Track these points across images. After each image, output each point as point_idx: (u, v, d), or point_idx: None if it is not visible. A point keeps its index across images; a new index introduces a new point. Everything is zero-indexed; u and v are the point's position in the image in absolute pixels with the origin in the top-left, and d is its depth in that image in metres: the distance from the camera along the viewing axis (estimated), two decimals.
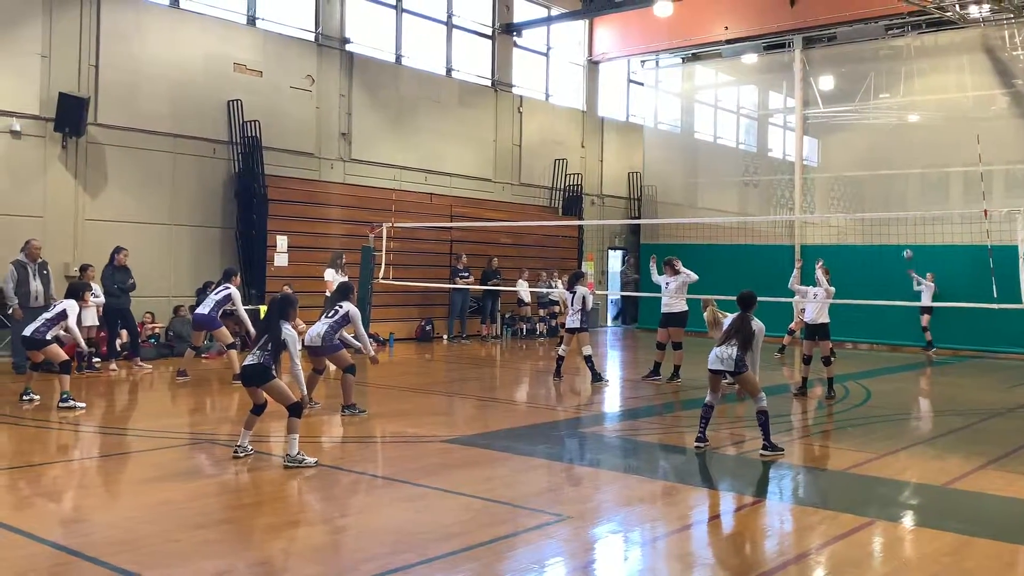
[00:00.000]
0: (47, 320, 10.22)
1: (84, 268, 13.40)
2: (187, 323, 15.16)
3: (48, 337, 10.14)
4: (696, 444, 8.40)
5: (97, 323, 13.13)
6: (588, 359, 12.84)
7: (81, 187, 15.14)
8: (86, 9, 15.16)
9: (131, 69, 15.68)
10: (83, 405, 10.06)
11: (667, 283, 13.50)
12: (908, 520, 6.38)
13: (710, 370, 8.44)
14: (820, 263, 12.76)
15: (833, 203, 22.91)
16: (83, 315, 12.89)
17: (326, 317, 10.04)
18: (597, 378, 12.84)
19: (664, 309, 13.61)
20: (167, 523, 5.75)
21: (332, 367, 10.70)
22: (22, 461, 7.73)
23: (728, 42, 23.45)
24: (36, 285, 12.63)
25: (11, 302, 12.50)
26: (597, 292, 21.13)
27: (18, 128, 14.33)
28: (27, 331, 10.24)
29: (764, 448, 8.21)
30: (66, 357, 10.23)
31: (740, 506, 6.77)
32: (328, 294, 15.69)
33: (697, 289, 13.57)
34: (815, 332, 12.17)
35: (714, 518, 6.47)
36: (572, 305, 13.02)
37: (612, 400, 12.14)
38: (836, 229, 22.27)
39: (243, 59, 17.34)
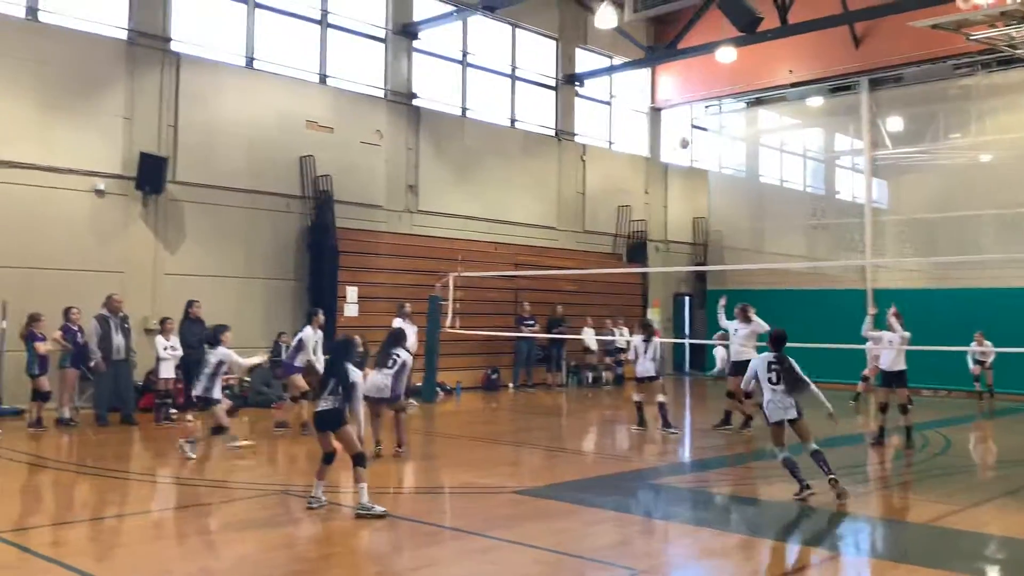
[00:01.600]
0: (209, 375, 10.31)
1: (163, 321, 13.82)
2: (266, 374, 15.52)
3: (215, 396, 10.34)
4: (805, 492, 8.14)
5: (174, 375, 13.49)
6: (662, 407, 12.76)
7: (161, 243, 15.71)
8: (166, 72, 15.85)
9: (208, 128, 16.30)
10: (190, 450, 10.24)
11: (736, 329, 13.35)
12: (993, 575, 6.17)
13: (775, 423, 8.28)
14: (893, 309, 12.49)
15: (905, 246, 22.44)
16: (161, 367, 13.33)
17: (385, 368, 10.12)
18: (668, 427, 12.72)
19: (734, 357, 13.45)
20: (243, 575, 5.85)
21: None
22: (103, 512, 7.96)
23: (792, 85, 23.37)
24: (118, 339, 13.08)
25: (94, 355, 12.94)
26: (664, 340, 20.98)
27: (102, 187, 14.98)
28: (197, 391, 10.42)
29: (833, 480, 8.02)
30: (227, 423, 10.40)
31: (816, 561, 6.61)
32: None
33: (762, 336, 13.41)
34: (891, 379, 11.89)
35: (790, 573, 6.34)
36: (646, 353, 12.93)
37: (682, 450, 12.00)
38: (909, 272, 21.80)
39: (315, 116, 17.88)
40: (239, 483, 9.02)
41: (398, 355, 10.11)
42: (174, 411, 13.53)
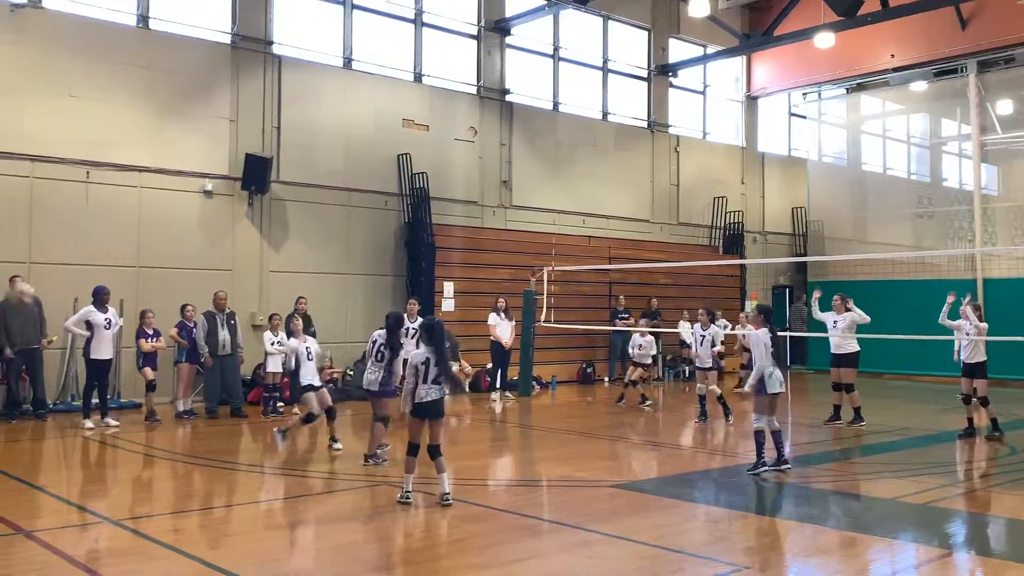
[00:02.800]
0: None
1: (271, 317, 14.27)
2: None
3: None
4: (761, 469, 8.95)
5: (280, 369, 13.93)
6: (721, 399, 13.26)
7: (265, 241, 16.25)
8: (268, 74, 16.36)
9: (309, 129, 16.76)
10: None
11: (835, 322, 13.08)
12: None
13: (772, 395, 9.03)
14: (968, 298, 12.18)
15: (1016, 233, 21.46)
16: (268, 361, 13.78)
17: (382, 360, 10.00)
18: (701, 417, 13.31)
19: (834, 350, 13.18)
20: (350, 564, 6.03)
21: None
22: (215, 502, 8.30)
23: (895, 70, 22.60)
24: (224, 334, 13.59)
25: (203, 351, 13.49)
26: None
27: (210, 188, 15.58)
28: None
29: (786, 464, 9.07)
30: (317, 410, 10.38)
31: (926, 559, 6.43)
32: (492, 338, 16.09)
33: (864, 328, 13.08)
34: (972, 371, 11.83)
35: (897, 572, 6.18)
36: (701, 346, 13.37)
37: (784, 445, 11.76)
38: (1020, 261, 20.84)
39: (411, 114, 18.19)
40: (343, 475, 9.28)
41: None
42: (281, 404, 13.97)
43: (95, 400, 12.41)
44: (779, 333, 9.27)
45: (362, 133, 17.45)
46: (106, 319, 12.36)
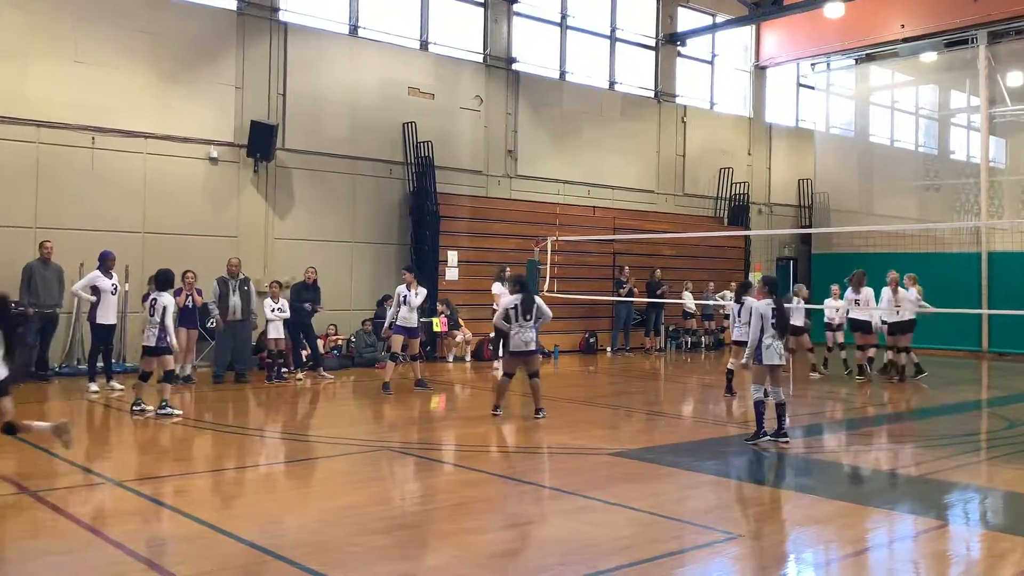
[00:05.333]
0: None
1: (271, 284, 14.29)
2: (369, 335, 16.07)
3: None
4: (761, 439, 9.06)
5: (282, 335, 14.00)
6: (728, 373, 12.94)
7: (271, 208, 16.28)
8: (275, 41, 16.31)
9: (314, 96, 16.72)
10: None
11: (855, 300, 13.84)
12: None
13: (769, 365, 9.11)
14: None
15: (1023, 207, 21.40)
16: (269, 327, 13.86)
17: (529, 322, 10.59)
18: (728, 392, 12.94)
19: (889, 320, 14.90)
20: (351, 527, 6.11)
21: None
22: (221, 465, 8.41)
23: (905, 40, 22.42)
24: (235, 300, 13.66)
25: (213, 315, 13.58)
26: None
27: (215, 155, 15.60)
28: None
29: (785, 438, 9.06)
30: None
31: (922, 530, 6.50)
32: (495, 307, 16.12)
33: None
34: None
35: (893, 542, 6.26)
36: (739, 317, 12.78)
37: (786, 418, 11.83)
38: None
39: (417, 83, 18.13)
40: (345, 439, 9.38)
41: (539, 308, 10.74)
42: (285, 370, 14.08)
43: (100, 364, 12.52)
44: (776, 302, 9.27)
45: (368, 101, 17.40)
46: (112, 284, 12.46)
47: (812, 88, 26.27)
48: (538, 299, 10.84)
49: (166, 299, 10.57)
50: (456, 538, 5.95)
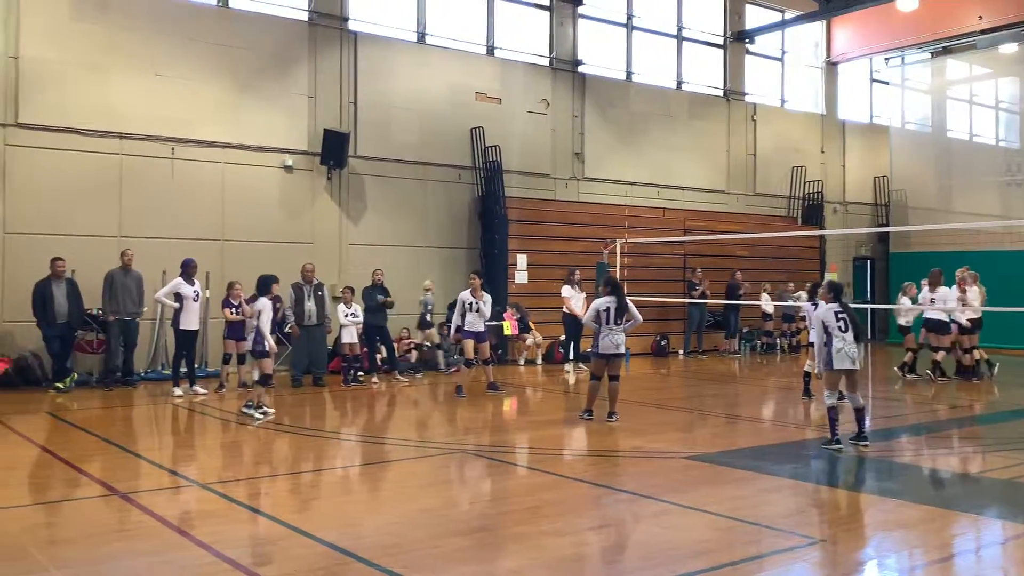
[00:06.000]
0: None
1: (344, 290, 14.55)
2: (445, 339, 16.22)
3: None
4: (835, 446, 8.86)
5: (355, 340, 14.22)
6: (806, 375, 12.60)
7: (344, 214, 16.57)
8: (345, 51, 16.59)
9: (384, 103, 16.96)
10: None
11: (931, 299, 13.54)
12: None
13: (841, 370, 8.91)
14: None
15: None
16: (343, 332, 14.09)
17: (617, 325, 10.62)
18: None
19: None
20: (428, 529, 6.16)
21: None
22: (300, 467, 8.58)
23: (983, 32, 21.74)
24: (310, 305, 13.94)
25: (289, 320, 13.87)
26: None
27: (290, 163, 15.94)
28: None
29: (865, 441, 8.89)
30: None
31: (1011, 536, 6.29)
32: (565, 309, 16.13)
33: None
34: None
35: (981, 548, 6.08)
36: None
37: (866, 420, 11.58)
38: None
39: (483, 88, 18.25)
40: (420, 442, 9.48)
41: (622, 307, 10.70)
42: (361, 373, 14.29)
43: (183, 369, 12.89)
44: (851, 306, 9.11)
45: (436, 107, 17.58)
46: (194, 291, 12.82)
47: (886, 83, 25.67)
48: (630, 303, 10.78)
49: (263, 303, 10.85)
50: (533, 541, 5.95)
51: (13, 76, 13.66)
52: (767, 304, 19.91)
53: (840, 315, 8.98)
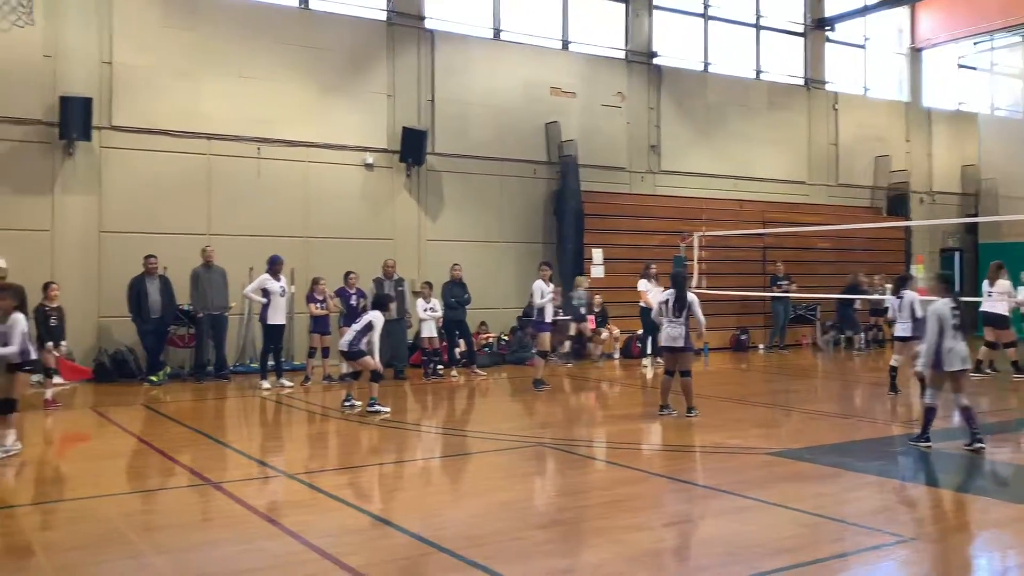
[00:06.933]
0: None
1: (422, 285, 14.77)
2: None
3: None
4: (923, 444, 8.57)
5: (435, 334, 14.41)
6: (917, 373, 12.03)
7: (423, 211, 16.81)
8: (422, 49, 16.81)
9: (461, 100, 17.13)
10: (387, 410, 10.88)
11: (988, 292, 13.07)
12: None
13: (950, 371, 8.43)
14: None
15: None
16: (423, 327, 14.29)
17: (677, 318, 10.52)
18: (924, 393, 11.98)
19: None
20: (510, 521, 6.23)
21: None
22: (383, 459, 8.77)
23: None
24: None
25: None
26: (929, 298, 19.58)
27: (371, 161, 16.23)
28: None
29: (979, 442, 8.31)
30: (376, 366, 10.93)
31: None
32: (642, 304, 16.08)
33: None
34: None
35: None
36: (900, 312, 12.21)
37: (954, 414, 11.27)
38: None
39: (558, 82, 18.27)
40: (499, 435, 9.58)
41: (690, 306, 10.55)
42: (440, 367, 14.48)
43: (271, 362, 13.26)
44: (956, 302, 8.60)
45: (511, 103, 17.67)
46: (280, 287, 13.17)
47: (973, 69, 24.79)
48: (693, 297, 10.64)
49: (376, 316, 10.99)
50: (613, 535, 5.96)
51: (107, 81, 14.22)
52: (853, 297, 19.27)
53: (955, 311, 8.50)
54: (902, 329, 12.19)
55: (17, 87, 13.54)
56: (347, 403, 11.08)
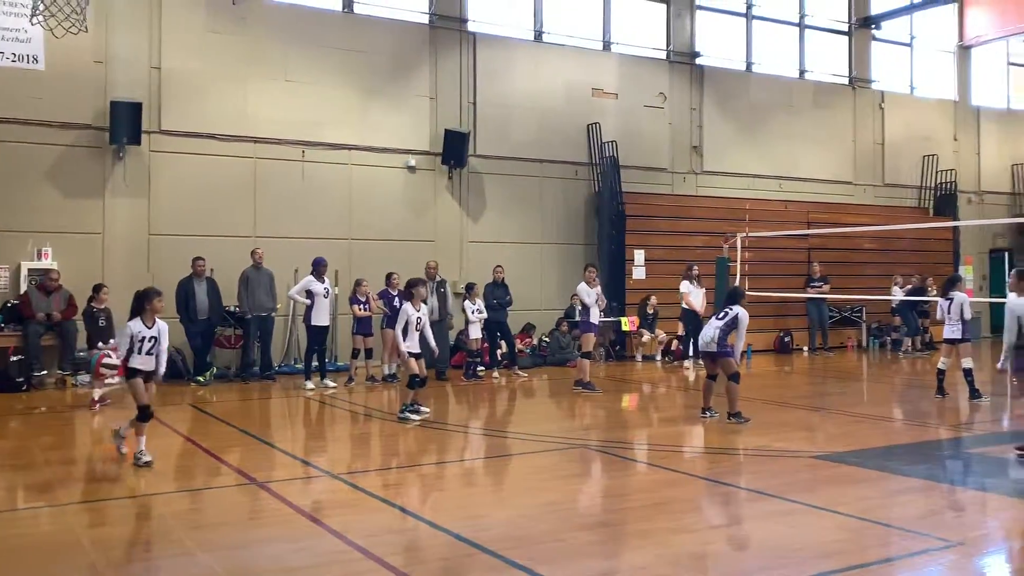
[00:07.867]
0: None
1: (468, 287, 14.79)
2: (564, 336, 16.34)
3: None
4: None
5: (480, 336, 14.47)
6: (968, 373, 11.83)
7: (465, 213, 16.90)
8: (464, 52, 16.91)
9: (502, 103, 17.19)
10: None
11: None
12: None
13: None
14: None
15: None
16: (470, 328, 14.36)
17: (716, 319, 10.32)
18: (975, 395, 11.78)
19: None
20: (552, 523, 6.24)
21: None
22: (425, 459, 8.83)
23: None
24: (432, 301, 14.19)
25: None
26: (978, 299, 19.25)
27: (413, 163, 16.36)
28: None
29: None
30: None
31: None
32: (684, 306, 15.99)
33: None
34: None
35: None
36: (949, 314, 12.02)
37: (1002, 418, 11.07)
38: None
39: (600, 84, 18.26)
40: (541, 436, 9.60)
41: (731, 309, 10.25)
42: (482, 368, 14.54)
43: (315, 363, 13.41)
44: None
45: (553, 104, 17.69)
46: (324, 288, 13.33)
47: None
48: (743, 317, 10.21)
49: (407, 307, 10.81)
50: (657, 537, 5.95)
51: (156, 86, 14.50)
52: (898, 299, 19.03)
53: None
54: (951, 331, 12.01)
55: (69, 92, 13.86)
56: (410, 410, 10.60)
